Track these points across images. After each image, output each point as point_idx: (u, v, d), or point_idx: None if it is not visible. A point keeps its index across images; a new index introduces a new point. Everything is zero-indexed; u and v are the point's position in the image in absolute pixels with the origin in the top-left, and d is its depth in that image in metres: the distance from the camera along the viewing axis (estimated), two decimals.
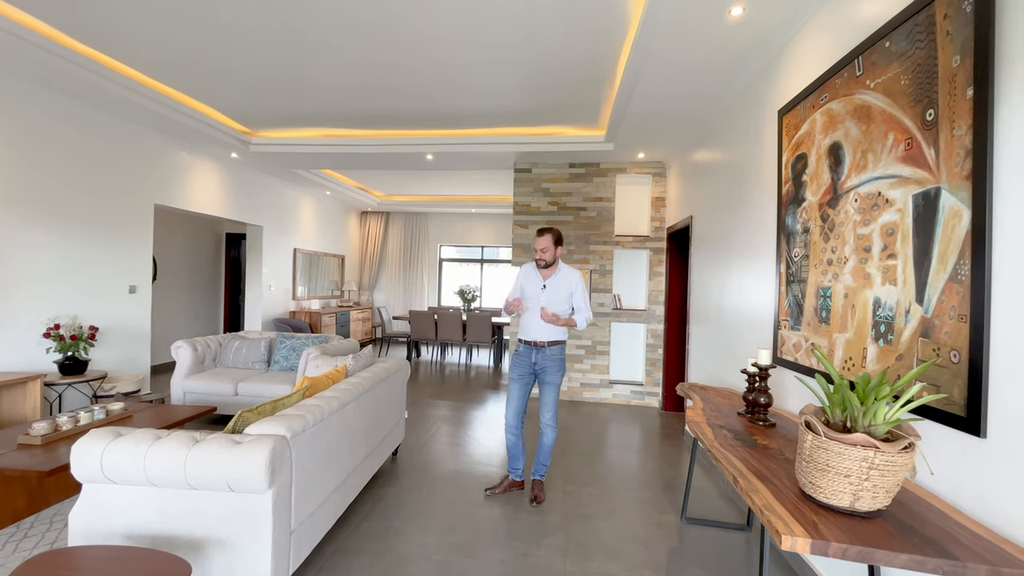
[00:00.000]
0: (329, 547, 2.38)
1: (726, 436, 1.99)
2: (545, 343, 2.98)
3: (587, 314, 3.02)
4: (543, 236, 3.01)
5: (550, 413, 3.02)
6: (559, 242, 3.01)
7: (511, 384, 3.05)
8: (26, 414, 3.50)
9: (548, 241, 2.98)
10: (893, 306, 1.70)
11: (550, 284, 3.02)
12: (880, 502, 1.28)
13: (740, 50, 2.87)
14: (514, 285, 3.19)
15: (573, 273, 3.05)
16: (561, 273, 3.03)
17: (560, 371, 3.02)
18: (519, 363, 3.05)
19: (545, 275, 3.05)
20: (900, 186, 1.68)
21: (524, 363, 3.03)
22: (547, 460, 3.07)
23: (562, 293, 3.00)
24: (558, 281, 3.01)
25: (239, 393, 4.04)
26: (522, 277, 3.13)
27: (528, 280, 3.08)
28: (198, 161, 5.62)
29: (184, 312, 7.14)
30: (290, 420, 2.01)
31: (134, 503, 1.83)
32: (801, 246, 2.40)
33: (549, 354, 2.98)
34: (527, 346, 3.03)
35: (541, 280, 3.05)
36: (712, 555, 2.45)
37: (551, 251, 2.98)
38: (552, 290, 3.01)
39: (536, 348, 3.00)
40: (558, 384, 3.02)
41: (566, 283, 3.02)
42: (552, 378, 3.00)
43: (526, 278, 3.10)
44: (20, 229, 3.72)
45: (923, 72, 1.59)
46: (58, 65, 3.38)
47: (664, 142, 4.70)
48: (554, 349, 3.00)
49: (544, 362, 2.99)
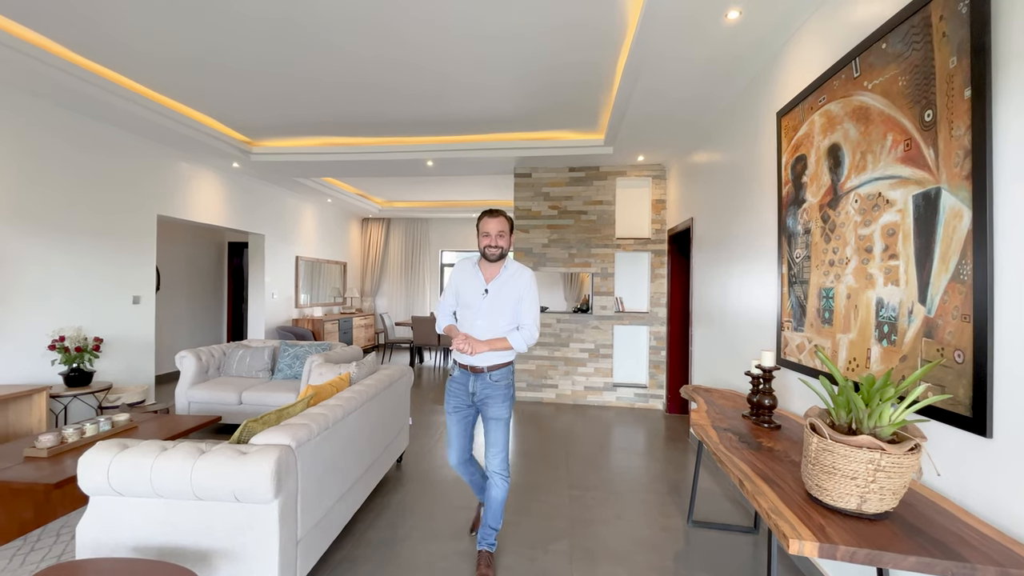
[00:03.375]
0: (336, 556, 2.38)
1: (731, 439, 1.98)
2: (484, 368, 2.24)
3: (532, 331, 2.22)
4: (497, 218, 2.22)
5: (499, 458, 2.25)
6: (512, 230, 2.31)
7: (448, 420, 2.35)
8: (32, 426, 3.51)
9: (504, 224, 2.23)
10: (896, 306, 1.70)
11: (494, 288, 2.23)
12: (887, 504, 1.28)
13: (738, 52, 2.88)
14: (447, 292, 2.37)
15: (523, 272, 2.28)
16: (509, 273, 2.27)
17: (508, 401, 2.27)
18: (455, 392, 2.32)
19: (489, 275, 2.27)
20: (900, 187, 1.69)
21: (461, 392, 2.30)
22: (498, 523, 2.32)
23: (508, 301, 2.24)
24: (505, 284, 2.25)
25: (243, 402, 4.05)
26: (457, 279, 2.34)
27: (466, 283, 2.29)
28: (200, 171, 5.65)
29: (188, 322, 7.16)
30: (295, 430, 2.01)
31: (141, 515, 1.84)
32: (802, 247, 2.40)
33: (491, 380, 2.25)
34: (464, 372, 2.30)
35: (482, 282, 2.26)
36: (719, 558, 2.44)
37: (507, 237, 2.24)
38: (496, 297, 2.23)
39: (474, 374, 2.26)
40: (507, 419, 2.27)
41: (514, 286, 2.25)
42: (497, 411, 2.25)
43: (463, 280, 2.31)
44: (25, 242, 3.74)
45: (920, 73, 1.60)
46: (61, 79, 3.41)
47: (663, 144, 4.72)
48: (497, 374, 2.25)
49: (485, 391, 2.25)
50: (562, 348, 5.65)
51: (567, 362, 5.64)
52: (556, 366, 5.66)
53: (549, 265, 5.73)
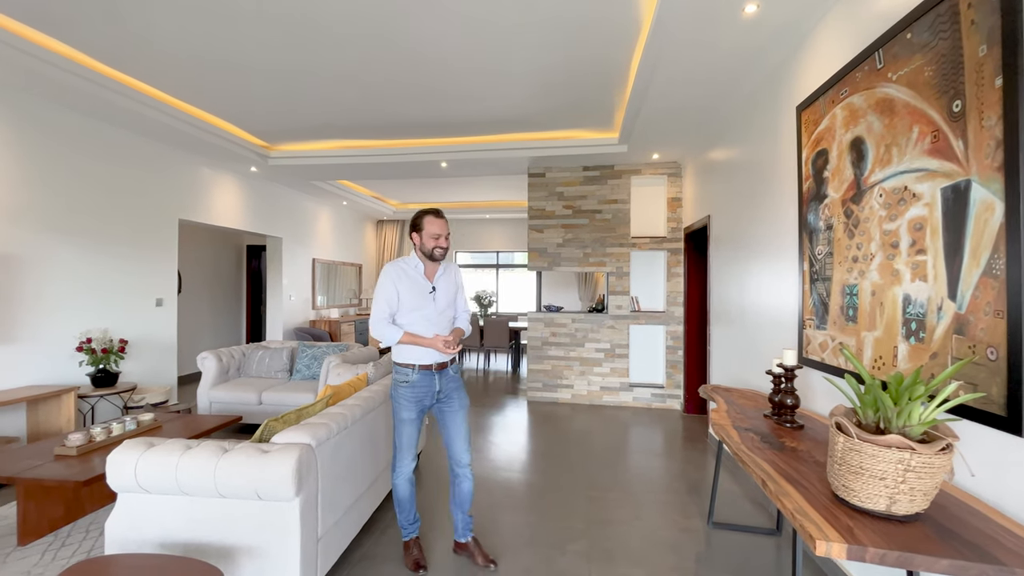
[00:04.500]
0: (355, 554, 2.40)
1: (753, 439, 1.95)
2: (449, 363, 2.32)
3: (468, 314, 2.46)
4: (443, 219, 2.30)
5: (469, 452, 2.35)
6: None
7: (407, 427, 2.25)
8: (61, 426, 3.61)
9: (447, 224, 2.31)
10: (924, 303, 1.66)
11: (440, 285, 2.32)
12: (918, 505, 1.24)
13: (755, 47, 2.84)
14: (384, 299, 2.25)
15: (453, 266, 2.44)
16: (447, 269, 2.39)
17: (465, 392, 2.40)
18: (417, 396, 2.25)
19: (431, 274, 2.32)
20: (927, 180, 1.64)
21: (425, 395, 2.26)
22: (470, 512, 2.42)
23: (450, 294, 2.38)
24: (446, 280, 2.36)
25: (263, 402, 4.11)
26: (398, 285, 2.25)
27: (407, 285, 2.26)
28: (219, 176, 5.76)
29: (208, 324, 7.31)
30: (315, 428, 2.03)
31: (167, 512, 1.87)
32: (824, 243, 2.35)
33: (453, 374, 2.34)
34: (427, 372, 2.25)
35: (427, 282, 2.30)
36: (741, 560, 2.40)
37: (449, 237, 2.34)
38: (443, 293, 2.33)
39: (439, 372, 2.28)
40: (468, 408, 2.39)
41: (452, 281, 2.40)
42: (463, 400, 2.35)
43: (408, 284, 2.26)
44: (54, 248, 3.85)
45: (948, 63, 1.55)
46: (90, 90, 3.50)
47: (679, 142, 4.67)
48: (455, 367, 2.37)
49: (450, 386, 2.31)
50: (577, 348, 5.63)
51: (583, 362, 5.61)
52: (571, 366, 5.64)
53: (564, 265, 5.71)
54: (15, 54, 3.03)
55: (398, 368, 2.28)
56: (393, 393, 2.30)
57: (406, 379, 2.25)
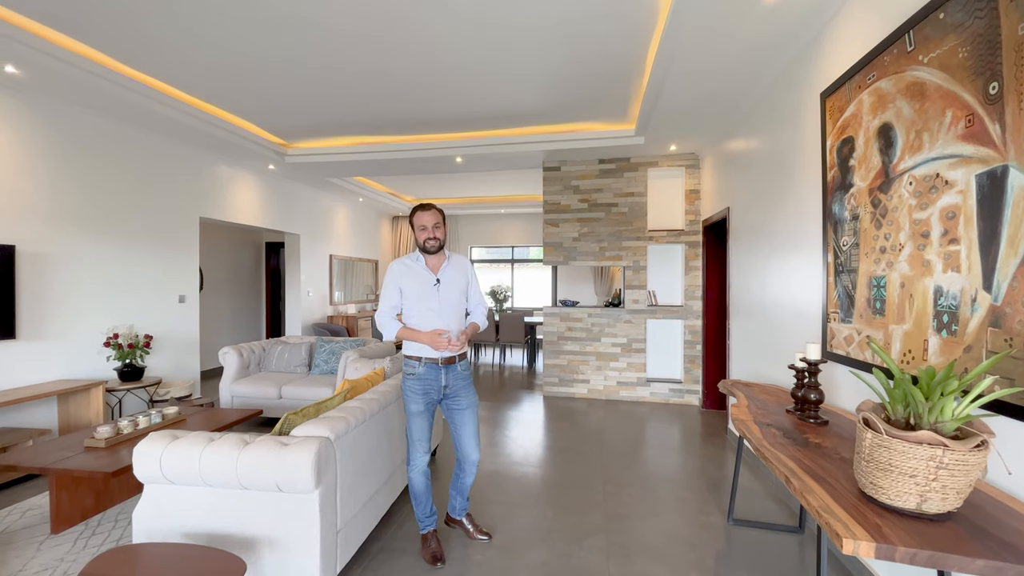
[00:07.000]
0: (374, 546, 2.43)
1: (775, 435, 1.91)
2: (456, 358, 2.34)
3: (484, 308, 2.47)
4: (429, 211, 2.31)
5: (477, 449, 2.39)
6: (445, 222, 2.40)
7: (416, 419, 2.29)
8: (91, 418, 3.73)
9: (438, 216, 2.33)
10: (957, 294, 1.59)
11: (445, 277, 2.34)
12: (951, 504, 1.20)
13: (776, 33, 2.76)
14: (387, 295, 2.33)
15: (462, 258, 2.45)
16: (452, 261, 2.40)
17: (474, 389, 2.42)
18: (424, 389, 2.28)
19: (434, 266, 2.35)
20: (961, 166, 1.57)
21: (431, 388, 2.29)
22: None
23: (459, 287, 2.37)
24: (452, 272, 2.37)
25: (283, 396, 4.18)
26: (398, 278, 2.32)
27: (410, 279, 2.31)
28: (238, 174, 5.85)
29: (229, 319, 7.45)
30: (333, 422, 2.06)
31: (191, 503, 1.92)
32: (850, 234, 2.28)
33: (461, 371, 2.35)
34: (432, 366, 2.28)
35: (431, 274, 2.33)
36: (762, 558, 2.36)
37: (442, 228, 2.34)
38: (448, 285, 2.33)
39: (446, 367, 2.31)
40: (477, 405, 2.41)
41: (461, 273, 2.40)
42: (471, 397, 2.37)
43: (406, 277, 2.31)
44: (82, 246, 3.96)
45: (984, 43, 1.48)
46: (116, 92, 3.57)
47: (697, 132, 4.58)
48: (464, 363, 2.38)
49: (457, 382, 2.33)
50: (593, 343, 5.59)
51: (599, 357, 5.58)
52: (588, 361, 5.60)
53: (579, 259, 5.67)
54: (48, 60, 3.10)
55: (406, 360, 2.35)
56: (402, 385, 2.35)
57: (412, 371, 2.30)
